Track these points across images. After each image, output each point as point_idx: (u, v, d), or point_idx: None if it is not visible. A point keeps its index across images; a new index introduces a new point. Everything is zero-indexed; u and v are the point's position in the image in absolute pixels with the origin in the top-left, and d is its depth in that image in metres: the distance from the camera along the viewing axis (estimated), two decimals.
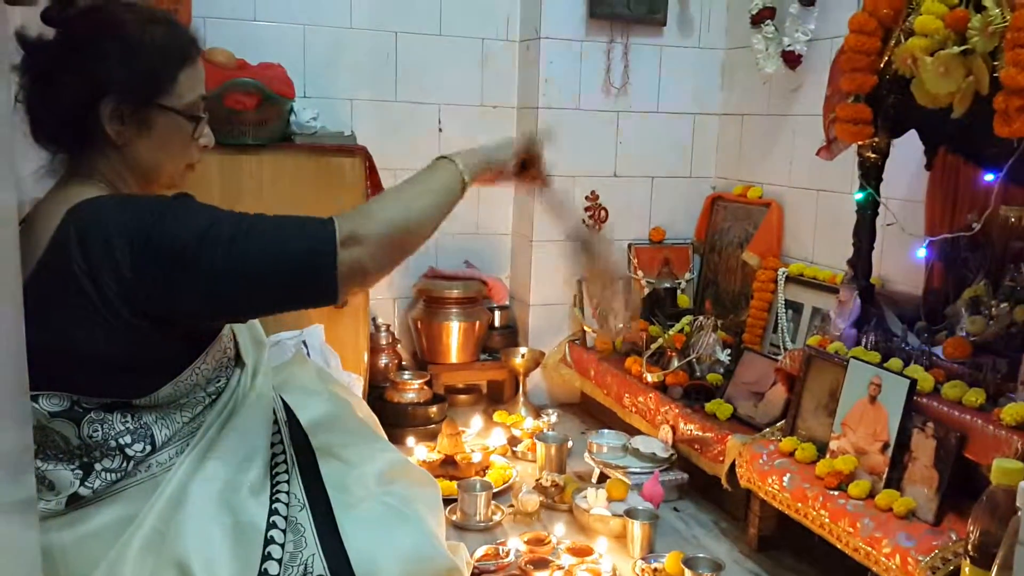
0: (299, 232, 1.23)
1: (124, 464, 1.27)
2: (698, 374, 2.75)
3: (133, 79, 1.29)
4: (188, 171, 1.43)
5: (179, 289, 1.20)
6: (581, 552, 2.09)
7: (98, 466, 1.26)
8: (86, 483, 1.25)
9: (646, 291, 3.28)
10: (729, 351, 2.78)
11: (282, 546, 1.25)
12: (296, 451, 1.43)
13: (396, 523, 1.36)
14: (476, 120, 3.31)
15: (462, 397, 3.33)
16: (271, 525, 1.26)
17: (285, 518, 1.29)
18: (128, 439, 1.27)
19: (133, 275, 1.17)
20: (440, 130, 3.26)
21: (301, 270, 1.23)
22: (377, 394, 2.91)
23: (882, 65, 2.01)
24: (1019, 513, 1.21)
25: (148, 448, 1.29)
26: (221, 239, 1.19)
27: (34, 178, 1.38)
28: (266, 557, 1.23)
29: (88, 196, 1.25)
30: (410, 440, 2.74)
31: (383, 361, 3.05)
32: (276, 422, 1.45)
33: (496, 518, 2.31)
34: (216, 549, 1.21)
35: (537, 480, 2.50)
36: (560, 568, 2.00)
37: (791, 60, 2.86)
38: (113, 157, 1.33)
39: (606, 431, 2.75)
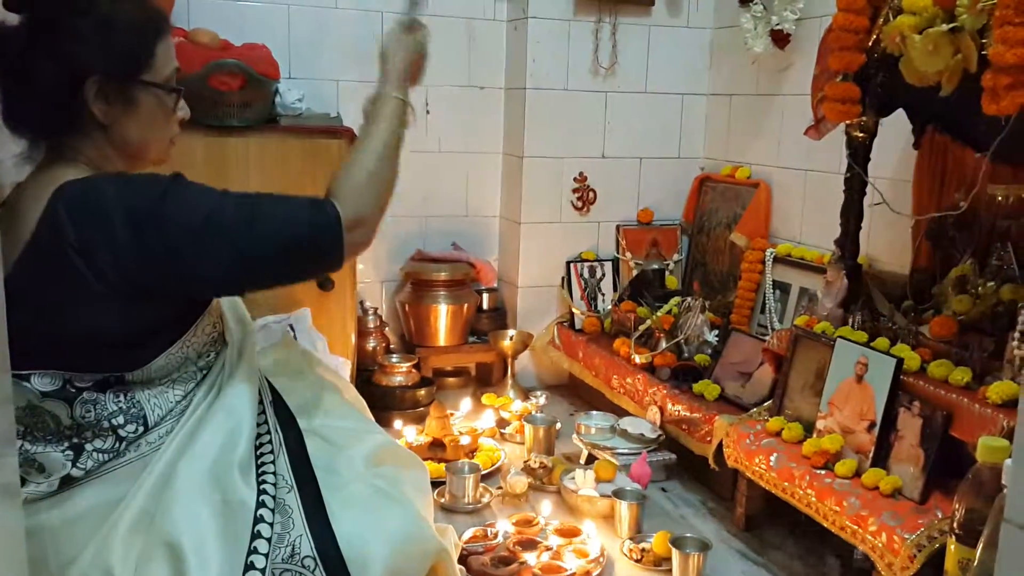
0: (303, 218, 1.29)
1: (116, 444, 1.28)
2: (686, 355, 2.76)
3: (115, 57, 1.29)
4: (170, 146, 1.44)
5: (182, 269, 1.23)
6: (569, 533, 2.09)
7: (89, 446, 1.26)
8: (78, 464, 1.25)
9: (634, 272, 3.28)
10: (717, 332, 2.78)
11: (271, 524, 1.25)
12: (284, 433, 1.43)
13: (384, 505, 1.36)
14: (464, 101, 3.28)
15: (450, 380, 3.32)
16: (260, 504, 1.26)
17: (273, 498, 1.29)
18: (121, 419, 1.28)
19: (134, 252, 1.19)
20: (428, 112, 3.23)
21: (308, 256, 1.32)
22: (365, 377, 2.90)
23: (870, 43, 2.00)
24: (1004, 491, 1.22)
25: (140, 428, 1.30)
26: (225, 223, 1.24)
27: (13, 163, 1.37)
28: (256, 535, 1.23)
29: (74, 177, 1.25)
30: (398, 423, 2.74)
31: (371, 344, 3.04)
32: (261, 402, 1.45)
33: (484, 500, 2.31)
34: (205, 528, 1.21)
35: (525, 462, 2.50)
36: (548, 549, 2.01)
37: (779, 39, 2.85)
38: (98, 138, 1.32)
39: (594, 412, 2.76)
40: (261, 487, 1.29)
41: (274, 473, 1.34)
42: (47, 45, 1.26)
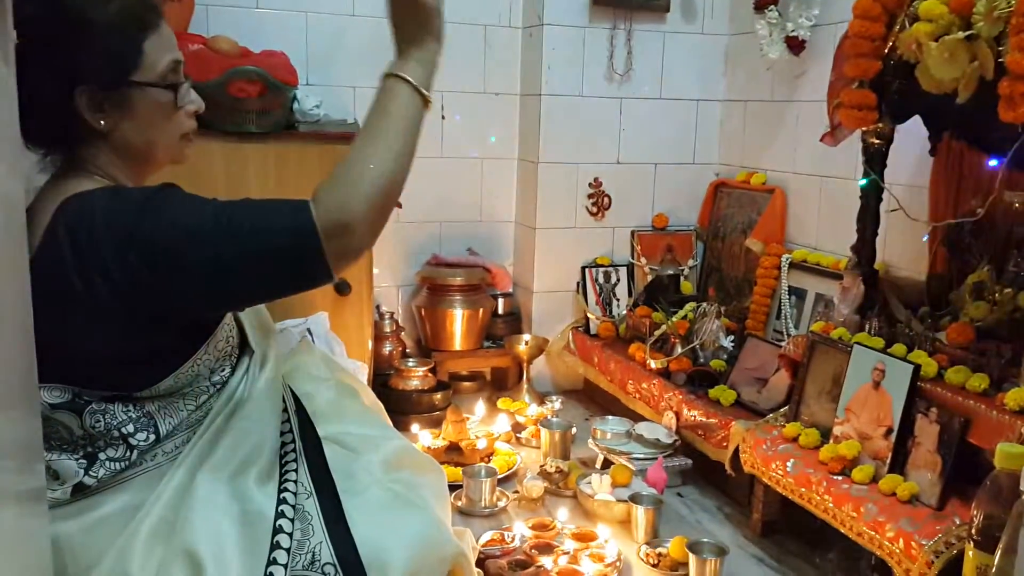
0: (279, 226, 1.18)
1: (128, 453, 1.27)
2: (701, 360, 2.76)
3: (100, 63, 1.25)
4: (185, 142, 1.40)
5: (169, 286, 1.18)
6: (585, 537, 2.10)
7: (102, 455, 1.26)
8: (90, 472, 1.25)
9: (649, 278, 3.28)
10: (732, 337, 2.78)
11: (290, 535, 1.25)
12: (303, 439, 1.44)
13: (402, 510, 1.37)
14: (479, 107, 3.30)
15: (466, 384, 3.33)
16: (279, 514, 1.27)
17: (293, 507, 1.29)
18: (131, 428, 1.27)
19: (122, 273, 1.16)
20: (443, 117, 3.25)
21: (289, 267, 1.20)
22: (381, 381, 2.92)
23: (886, 50, 2.00)
24: (1023, 497, 1.22)
25: (152, 438, 1.29)
26: (203, 236, 1.17)
27: (35, 168, 1.37)
28: (275, 546, 1.23)
29: (81, 189, 1.24)
30: (415, 427, 2.75)
31: (387, 348, 3.06)
32: (286, 410, 1.45)
33: (501, 504, 2.32)
34: (225, 538, 1.21)
35: (541, 466, 2.51)
36: (565, 553, 2.01)
37: (795, 46, 2.85)
38: (102, 146, 1.30)
39: (610, 417, 2.77)
40: (281, 496, 1.29)
41: (295, 481, 1.34)
42: (36, 61, 1.23)
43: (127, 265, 1.15)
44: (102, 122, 1.28)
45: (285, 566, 1.21)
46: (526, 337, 3.21)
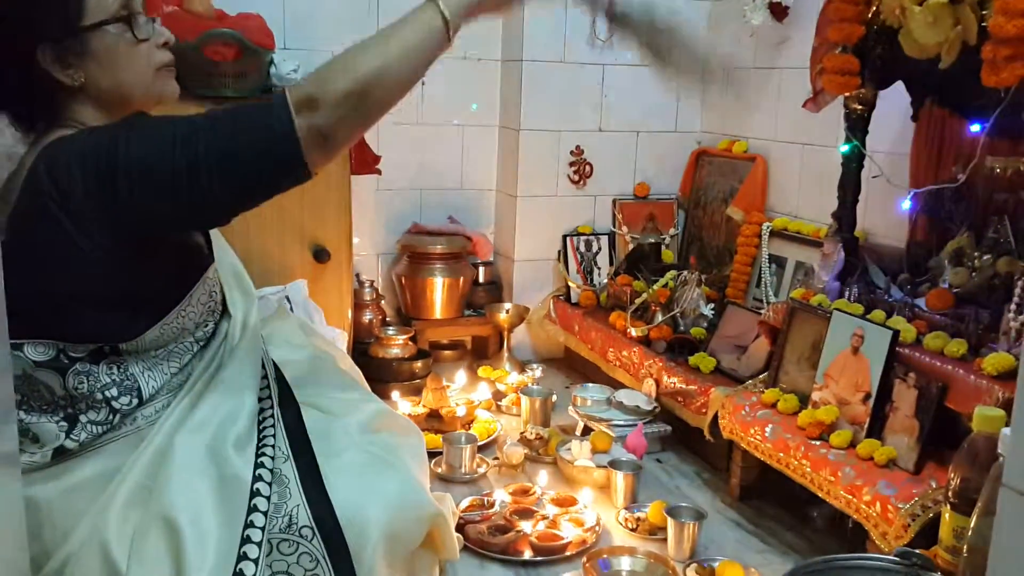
0: (253, 111, 1.20)
1: (110, 417, 1.27)
2: (682, 328, 2.76)
3: (48, 19, 1.25)
4: (165, 76, 1.38)
5: (152, 198, 1.18)
6: (565, 502, 2.11)
7: (83, 418, 1.26)
8: (71, 435, 1.25)
9: (630, 246, 3.28)
10: (713, 305, 2.79)
11: (267, 498, 1.25)
12: (281, 403, 1.43)
13: (380, 471, 1.37)
14: (459, 73, 3.26)
15: (447, 353, 3.33)
16: (256, 478, 1.26)
17: (271, 470, 1.29)
18: (114, 391, 1.26)
19: (103, 195, 1.16)
20: (423, 83, 3.20)
21: (263, 147, 1.19)
22: (361, 349, 2.90)
23: (870, 15, 1.99)
24: (1001, 459, 1.22)
25: (135, 401, 1.29)
26: (178, 140, 1.17)
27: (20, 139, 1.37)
28: (252, 509, 1.23)
29: (60, 136, 1.25)
30: (395, 395, 2.74)
31: (367, 317, 3.04)
32: (265, 376, 1.44)
33: (481, 470, 2.32)
34: (202, 502, 1.21)
35: (522, 433, 2.51)
36: (544, 518, 2.02)
37: (778, 12, 2.83)
38: (79, 98, 1.31)
39: (590, 385, 2.77)
40: (259, 460, 1.29)
41: (273, 446, 1.34)
42: None
43: (112, 190, 1.16)
44: (73, 76, 1.29)
45: (262, 528, 1.21)
46: (507, 305, 3.21)
